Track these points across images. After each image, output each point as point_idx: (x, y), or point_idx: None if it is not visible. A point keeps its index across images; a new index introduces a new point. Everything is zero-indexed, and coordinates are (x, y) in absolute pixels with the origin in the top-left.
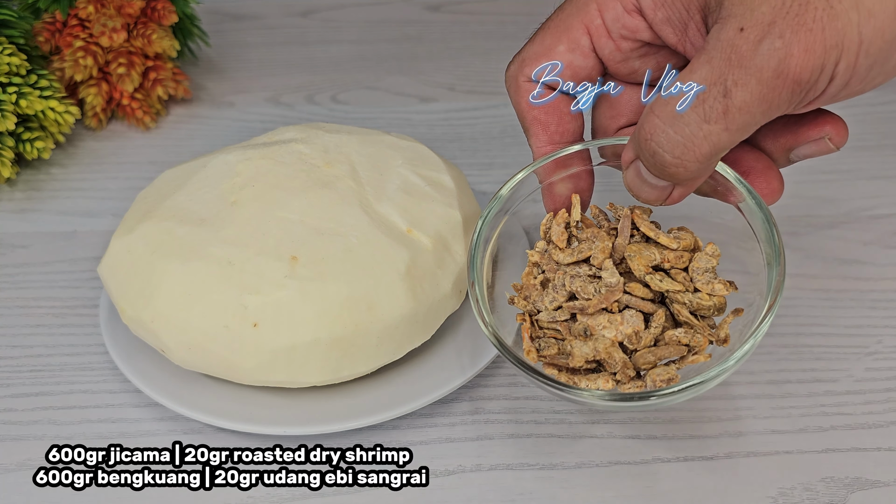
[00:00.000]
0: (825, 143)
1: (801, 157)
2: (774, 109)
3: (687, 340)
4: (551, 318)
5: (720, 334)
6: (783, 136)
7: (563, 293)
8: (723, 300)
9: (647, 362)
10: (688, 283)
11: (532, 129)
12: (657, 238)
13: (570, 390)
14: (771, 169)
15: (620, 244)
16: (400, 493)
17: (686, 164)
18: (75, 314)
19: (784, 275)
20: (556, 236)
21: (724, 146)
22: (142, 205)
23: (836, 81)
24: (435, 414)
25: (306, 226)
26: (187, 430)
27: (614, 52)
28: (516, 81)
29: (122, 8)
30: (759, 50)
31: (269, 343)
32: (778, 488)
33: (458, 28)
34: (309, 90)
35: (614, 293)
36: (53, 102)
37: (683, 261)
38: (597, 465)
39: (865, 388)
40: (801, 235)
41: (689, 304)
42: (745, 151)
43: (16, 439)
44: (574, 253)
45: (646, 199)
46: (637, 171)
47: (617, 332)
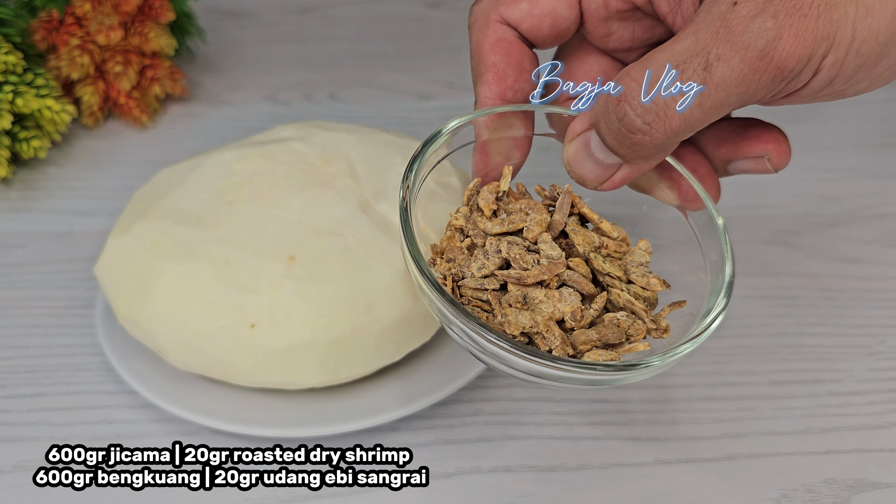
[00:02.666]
0: (763, 163)
1: (737, 171)
2: (751, 94)
3: (627, 326)
4: (478, 286)
5: (661, 323)
6: (724, 146)
7: (495, 260)
8: (655, 296)
9: (587, 341)
10: (624, 273)
11: (486, 75)
12: (599, 223)
13: (542, 358)
14: (711, 175)
15: (558, 220)
16: (400, 493)
17: (653, 133)
18: (71, 314)
19: (734, 273)
20: (484, 203)
21: (693, 124)
22: (138, 204)
23: (821, 76)
24: (434, 416)
25: (304, 225)
26: (184, 431)
27: (600, 8)
28: (486, 18)
29: (119, 6)
30: (749, 27)
31: (267, 344)
32: (780, 490)
33: (458, 25)
34: (307, 88)
35: (557, 266)
36: (50, 101)
37: (621, 251)
38: (597, 467)
39: (868, 389)
40: (802, 234)
41: (627, 291)
42: (690, 153)
43: (11, 441)
44: (504, 223)
45: (583, 175)
46: (585, 144)
47: (555, 308)
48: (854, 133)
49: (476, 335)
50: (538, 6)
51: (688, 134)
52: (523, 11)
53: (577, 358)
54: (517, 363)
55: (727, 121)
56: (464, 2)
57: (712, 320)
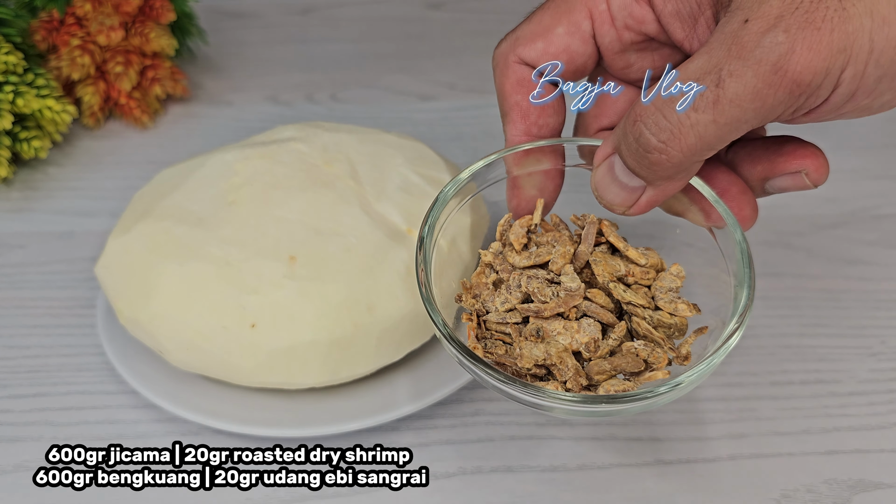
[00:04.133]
0: (801, 178)
1: (776, 189)
2: (768, 110)
3: (645, 355)
4: (501, 320)
5: (681, 351)
6: (760, 164)
7: (517, 294)
8: (684, 321)
9: (602, 371)
10: (649, 300)
11: (511, 114)
12: (625, 251)
13: (527, 388)
14: (745, 194)
15: (583, 251)
16: (400, 493)
17: (670, 151)
18: (72, 314)
19: (752, 299)
20: (514, 237)
21: (711, 142)
22: (139, 204)
23: (841, 90)
24: (435, 416)
25: (305, 225)
26: (185, 431)
27: (614, 41)
28: (506, 60)
29: (120, 6)
30: (760, 42)
31: (268, 344)
32: (781, 490)
33: (459, 26)
34: (308, 89)
35: (573, 298)
36: (50, 101)
37: (648, 278)
38: (599, 468)
39: (869, 390)
40: (804, 235)
41: (649, 319)
42: (722, 172)
43: (12, 440)
44: (531, 256)
45: (611, 200)
46: (609, 168)
47: (572, 339)
48: (856, 134)
49: (462, 359)
50: (553, 45)
51: (707, 152)
52: (539, 51)
53: (593, 389)
54: (491, 384)
55: (762, 139)
56: (465, 3)
57: (709, 360)
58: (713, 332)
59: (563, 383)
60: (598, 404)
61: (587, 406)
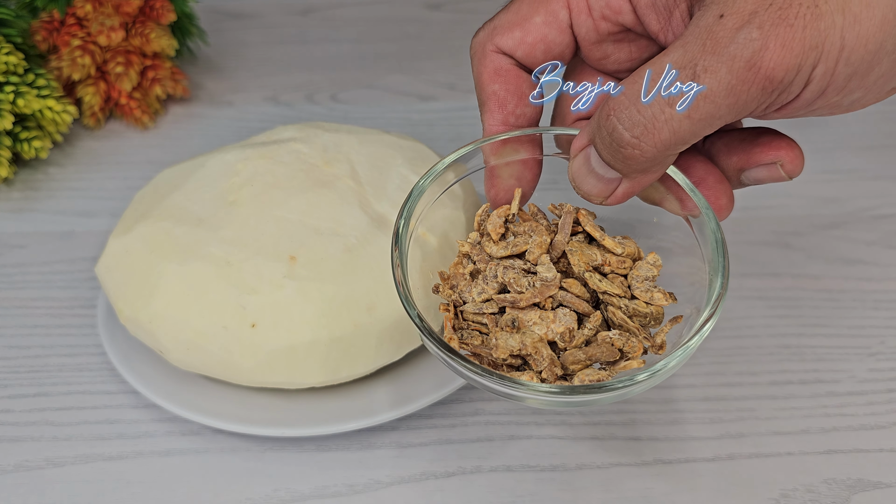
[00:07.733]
0: (777, 170)
1: (752, 180)
2: (742, 106)
3: (621, 344)
4: (477, 310)
5: (656, 340)
6: (736, 154)
7: (493, 285)
8: (661, 310)
9: (577, 361)
10: (625, 289)
11: (488, 104)
12: (602, 240)
13: (503, 381)
14: (721, 184)
15: (560, 241)
16: (400, 493)
17: (643, 146)
18: (73, 314)
19: (727, 287)
20: (492, 227)
21: (685, 136)
22: (140, 205)
23: (812, 86)
24: (435, 415)
25: (305, 225)
26: (186, 431)
27: (591, 31)
28: (483, 49)
29: (120, 6)
30: (735, 38)
31: (268, 343)
32: (780, 490)
33: (459, 26)
34: (308, 89)
35: (549, 288)
36: (51, 101)
37: (625, 267)
38: (598, 467)
39: (868, 389)
40: (803, 235)
41: (625, 308)
42: (699, 161)
43: (13, 440)
44: (509, 246)
45: (587, 191)
46: (585, 159)
47: (548, 329)
48: (854, 134)
49: (431, 346)
50: (530, 34)
51: (680, 147)
52: (516, 40)
53: (569, 378)
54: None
55: (738, 131)
56: (465, 3)
57: (683, 348)
58: (688, 320)
59: (539, 373)
60: (573, 395)
61: (562, 397)
